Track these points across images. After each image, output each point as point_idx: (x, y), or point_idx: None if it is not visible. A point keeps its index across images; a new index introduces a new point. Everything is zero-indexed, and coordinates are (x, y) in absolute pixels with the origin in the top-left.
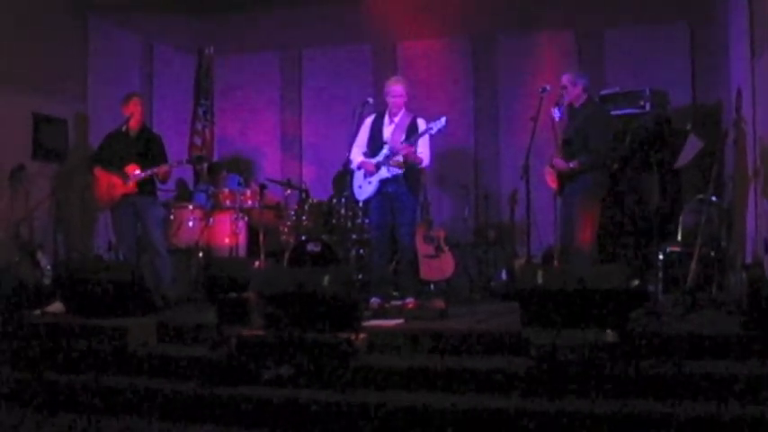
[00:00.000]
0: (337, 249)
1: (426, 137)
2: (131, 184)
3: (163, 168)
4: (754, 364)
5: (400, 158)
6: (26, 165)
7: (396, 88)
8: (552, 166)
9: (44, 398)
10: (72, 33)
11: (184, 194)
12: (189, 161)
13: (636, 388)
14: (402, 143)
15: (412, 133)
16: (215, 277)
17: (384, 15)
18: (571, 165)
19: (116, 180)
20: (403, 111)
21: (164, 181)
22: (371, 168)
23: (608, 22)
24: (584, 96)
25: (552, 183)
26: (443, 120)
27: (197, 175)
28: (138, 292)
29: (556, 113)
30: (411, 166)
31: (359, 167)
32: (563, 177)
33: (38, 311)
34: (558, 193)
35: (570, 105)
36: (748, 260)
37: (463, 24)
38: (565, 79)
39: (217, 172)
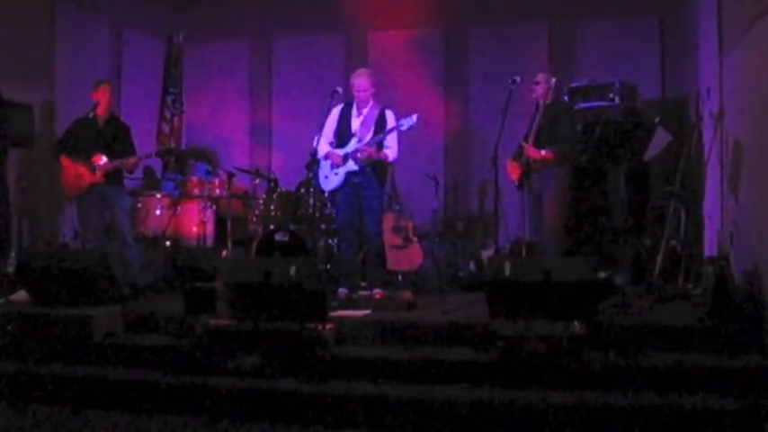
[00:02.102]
0: (305, 239)
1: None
2: (99, 173)
3: (131, 161)
4: (718, 355)
5: (366, 155)
6: None
7: (359, 82)
8: (517, 158)
9: (7, 388)
10: (39, 18)
11: (152, 183)
12: (157, 154)
13: (603, 379)
14: (368, 143)
15: (380, 126)
16: (182, 266)
17: (356, 5)
18: (543, 152)
19: (83, 170)
20: (371, 102)
21: (131, 171)
22: (339, 160)
23: (579, 14)
24: (552, 95)
25: (514, 175)
26: (414, 117)
27: (165, 164)
28: (104, 280)
29: None
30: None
31: (325, 158)
32: (529, 170)
33: (1, 300)
34: (518, 187)
35: (537, 102)
36: (713, 253)
37: (435, 15)
38: (540, 77)
39: (184, 161)
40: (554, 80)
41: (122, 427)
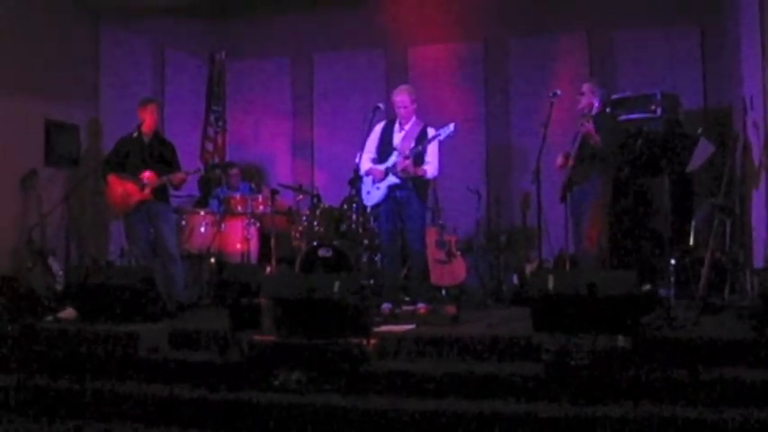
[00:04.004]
0: (349, 255)
1: (436, 145)
2: (147, 190)
3: (178, 176)
4: (766, 369)
5: (403, 167)
6: (38, 170)
7: (400, 99)
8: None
9: (56, 405)
10: (84, 39)
11: (206, 197)
12: (206, 170)
13: (647, 393)
14: (407, 156)
15: (421, 141)
16: (227, 283)
17: (396, 20)
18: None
19: (131, 187)
20: (414, 118)
21: (178, 188)
22: (380, 175)
23: (619, 26)
24: (598, 107)
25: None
26: (451, 126)
27: (208, 180)
28: (150, 297)
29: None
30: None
31: (367, 173)
32: (571, 183)
33: (50, 317)
34: (561, 200)
35: (581, 113)
36: (759, 265)
37: (475, 29)
38: (585, 87)
39: (227, 168)
40: (600, 91)
41: None
